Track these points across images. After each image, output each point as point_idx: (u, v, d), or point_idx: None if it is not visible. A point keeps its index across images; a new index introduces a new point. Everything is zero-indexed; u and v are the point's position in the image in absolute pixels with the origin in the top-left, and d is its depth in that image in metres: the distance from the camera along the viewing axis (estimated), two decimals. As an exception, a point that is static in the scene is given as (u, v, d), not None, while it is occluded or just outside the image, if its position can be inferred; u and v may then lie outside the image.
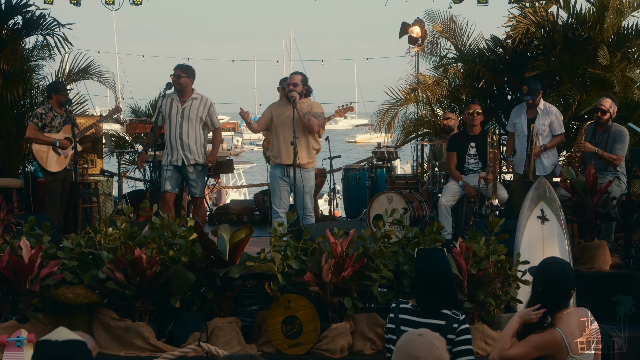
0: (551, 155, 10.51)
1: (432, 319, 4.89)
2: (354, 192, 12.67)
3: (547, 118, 10.43)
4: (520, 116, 10.59)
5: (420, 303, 5.01)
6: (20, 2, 12.08)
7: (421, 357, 3.61)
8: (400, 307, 5.06)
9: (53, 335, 2.97)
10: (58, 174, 10.76)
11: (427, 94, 13.17)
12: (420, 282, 5.08)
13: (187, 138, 9.93)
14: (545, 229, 8.69)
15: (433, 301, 4.99)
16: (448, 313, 4.92)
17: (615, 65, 11.31)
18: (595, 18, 11.83)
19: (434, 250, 5.31)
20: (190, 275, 7.84)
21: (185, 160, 9.95)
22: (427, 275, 5.06)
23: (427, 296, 5.01)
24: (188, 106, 9.95)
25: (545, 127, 10.37)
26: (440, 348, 3.66)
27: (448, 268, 5.13)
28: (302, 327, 7.97)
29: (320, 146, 9.97)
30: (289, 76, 10.06)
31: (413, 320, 4.94)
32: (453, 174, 10.57)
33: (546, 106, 10.57)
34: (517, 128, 10.64)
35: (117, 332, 8.05)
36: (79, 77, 12.50)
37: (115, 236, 8.30)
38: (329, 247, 8.00)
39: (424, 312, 4.95)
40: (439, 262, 5.10)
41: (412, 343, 3.66)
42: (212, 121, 10.06)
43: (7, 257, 7.87)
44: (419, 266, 5.12)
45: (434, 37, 13.72)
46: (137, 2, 13.80)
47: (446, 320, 4.88)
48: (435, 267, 5.07)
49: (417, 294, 5.09)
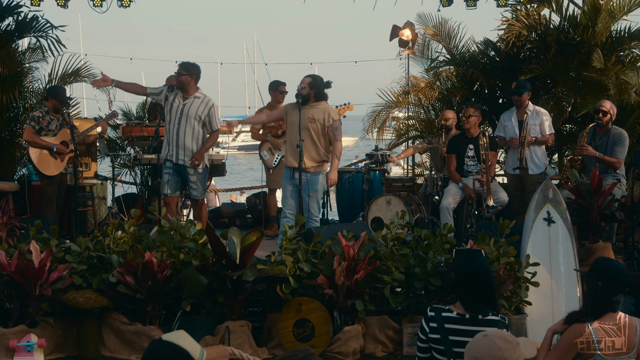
0: (541, 156, 10.62)
1: (482, 326, 4.86)
2: (347, 195, 12.62)
3: (537, 119, 10.56)
4: (511, 119, 10.75)
5: (465, 304, 4.99)
6: (12, 4, 11.97)
7: (481, 358, 3.58)
8: (443, 315, 5.00)
9: (171, 337, 2.99)
10: (54, 178, 10.64)
11: (419, 97, 13.22)
12: (462, 283, 5.07)
13: (183, 135, 9.85)
14: (551, 231, 8.74)
15: (476, 300, 4.97)
16: (496, 319, 4.91)
17: (609, 68, 11.41)
18: (588, 21, 11.92)
19: (473, 251, 5.33)
20: (203, 279, 7.80)
21: (182, 162, 9.87)
22: (468, 275, 5.05)
23: (471, 296, 4.99)
24: (189, 104, 9.87)
25: (536, 128, 10.51)
26: (503, 348, 3.60)
27: (488, 268, 5.14)
28: (314, 330, 7.96)
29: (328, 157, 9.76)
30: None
31: (461, 329, 4.91)
32: (453, 176, 10.61)
33: (535, 108, 10.69)
34: (507, 130, 10.76)
35: (127, 336, 7.99)
36: (71, 79, 12.38)
37: (124, 239, 8.23)
38: (339, 250, 8.00)
39: (472, 320, 4.93)
40: (479, 262, 5.11)
41: (475, 344, 3.64)
42: (210, 122, 9.98)
43: (15, 261, 7.79)
44: (460, 267, 5.12)
45: (424, 40, 13.78)
46: (125, 5, 13.72)
47: (496, 326, 4.86)
48: (476, 267, 5.07)
49: (459, 294, 5.08)
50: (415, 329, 8.01)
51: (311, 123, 9.45)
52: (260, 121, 10.46)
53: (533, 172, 10.51)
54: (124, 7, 13.68)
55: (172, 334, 3.12)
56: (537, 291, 8.34)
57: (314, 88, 9.53)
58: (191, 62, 10.10)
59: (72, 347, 8.08)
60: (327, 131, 9.50)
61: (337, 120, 9.62)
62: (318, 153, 9.51)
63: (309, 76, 9.67)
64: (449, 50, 13.17)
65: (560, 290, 8.56)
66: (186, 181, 9.99)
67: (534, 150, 10.55)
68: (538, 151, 10.62)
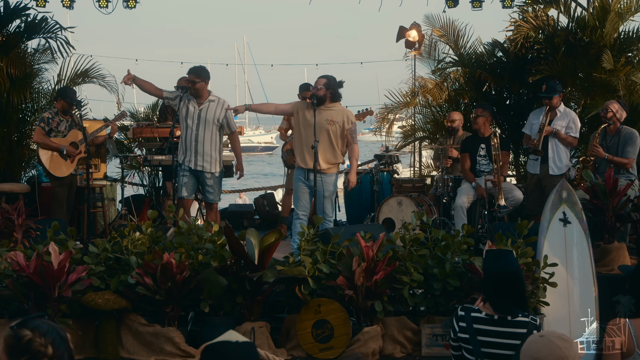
0: (564, 158, 10.42)
1: (511, 327, 4.88)
2: (355, 196, 12.63)
3: (565, 120, 10.39)
4: (539, 117, 10.41)
5: (494, 305, 5.00)
6: (20, 5, 11.96)
7: (542, 358, 3.60)
8: (472, 315, 5.01)
9: (229, 337, 2.96)
10: (64, 179, 10.62)
11: (427, 97, 13.24)
12: (491, 283, 5.07)
13: (202, 140, 9.82)
14: (567, 231, 8.74)
15: (505, 302, 4.98)
16: (527, 320, 4.91)
17: (619, 69, 11.43)
18: (596, 22, 11.95)
19: (503, 252, 5.33)
20: (222, 280, 7.80)
21: (200, 167, 9.85)
22: (497, 276, 5.05)
23: (499, 297, 5.00)
24: (205, 108, 9.84)
25: (562, 129, 10.34)
26: (562, 347, 3.62)
27: (518, 268, 5.14)
28: (333, 331, 7.96)
29: (343, 159, 9.79)
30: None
31: (489, 330, 4.92)
32: (467, 176, 10.64)
33: (566, 110, 10.52)
34: (533, 129, 10.51)
35: (146, 337, 7.98)
36: (80, 80, 12.36)
37: (142, 241, 8.22)
38: (358, 251, 8.00)
39: (500, 321, 4.94)
40: (509, 262, 5.11)
41: (533, 345, 3.66)
42: (228, 124, 9.96)
43: (34, 262, 7.77)
44: (490, 267, 5.12)
45: (431, 41, 13.80)
46: (131, 6, 13.71)
47: (526, 327, 4.87)
48: (506, 267, 5.07)
49: (488, 295, 5.08)
50: (433, 330, 8.04)
51: (330, 125, 9.41)
52: (268, 111, 10.40)
53: (554, 172, 10.31)
54: (129, 8, 13.68)
55: (229, 335, 3.02)
56: (554, 292, 8.35)
57: (330, 89, 9.47)
58: (197, 65, 10.07)
59: (90, 349, 8.06)
60: (346, 134, 9.49)
61: (355, 123, 9.64)
62: (334, 155, 9.49)
63: (323, 77, 9.60)
64: (457, 51, 13.19)
65: (576, 291, 8.57)
66: (202, 185, 9.97)
67: (557, 151, 10.34)
68: (562, 153, 10.37)
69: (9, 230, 8.98)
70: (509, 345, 4.91)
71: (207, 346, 2.94)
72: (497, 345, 4.92)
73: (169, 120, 12.02)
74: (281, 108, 10.03)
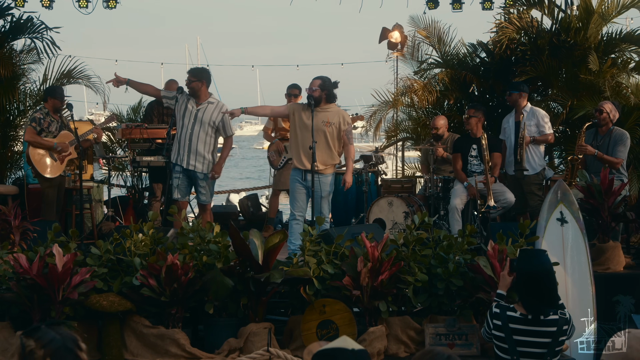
0: (538, 157, 10.66)
1: (544, 326, 4.93)
2: (341, 197, 12.63)
3: (533, 119, 10.62)
4: (509, 121, 10.84)
5: (526, 305, 5.06)
6: (3, 4, 11.84)
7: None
8: (507, 315, 5.07)
9: (344, 344, 2.95)
10: (54, 180, 10.53)
11: (412, 98, 13.28)
12: (524, 282, 5.13)
13: (196, 141, 9.81)
14: (564, 231, 8.82)
15: (536, 302, 5.04)
16: (556, 318, 4.98)
17: (605, 70, 11.56)
18: (579, 24, 12.08)
19: (537, 251, 5.41)
20: (228, 281, 7.77)
21: (192, 167, 9.83)
22: (528, 275, 5.12)
23: (531, 296, 5.06)
24: (202, 109, 9.83)
25: (531, 128, 10.56)
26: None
27: (550, 268, 5.20)
28: (339, 331, 7.95)
29: (339, 159, 9.87)
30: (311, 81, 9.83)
31: (524, 329, 4.98)
32: (459, 175, 10.73)
33: (532, 109, 10.76)
34: (505, 133, 10.85)
35: (150, 339, 7.93)
36: (65, 81, 12.25)
37: (145, 242, 8.17)
38: (361, 251, 8.02)
39: (534, 320, 4.99)
40: (541, 262, 5.17)
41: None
42: (224, 127, 9.95)
43: (37, 265, 7.69)
44: (523, 266, 5.18)
45: (414, 42, 13.85)
46: (111, 6, 13.63)
47: (556, 325, 4.94)
48: (537, 266, 5.13)
49: (521, 294, 5.14)
50: (436, 329, 8.08)
51: (327, 127, 9.44)
52: (263, 113, 10.44)
53: (529, 172, 10.60)
54: (110, 8, 13.60)
55: (343, 342, 3.02)
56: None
57: (325, 90, 9.50)
58: (199, 67, 10.10)
59: (93, 351, 7.98)
60: (342, 135, 9.53)
61: (351, 124, 9.69)
62: (331, 156, 9.55)
63: (318, 78, 9.61)
64: (440, 52, 13.26)
65: (574, 290, 8.65)
66: (195, 185, 9.96)
67: (531, 151, 10.63)
68: (535, 152, 10.67)
69: (5, 232, 8.87)
70: (541, 344, 4.98)
71: (320, 352, 2.93)
72: (531, 344, 4.99)
73: (154, 121, 11.97)
74: (277, 110, 10.04)
